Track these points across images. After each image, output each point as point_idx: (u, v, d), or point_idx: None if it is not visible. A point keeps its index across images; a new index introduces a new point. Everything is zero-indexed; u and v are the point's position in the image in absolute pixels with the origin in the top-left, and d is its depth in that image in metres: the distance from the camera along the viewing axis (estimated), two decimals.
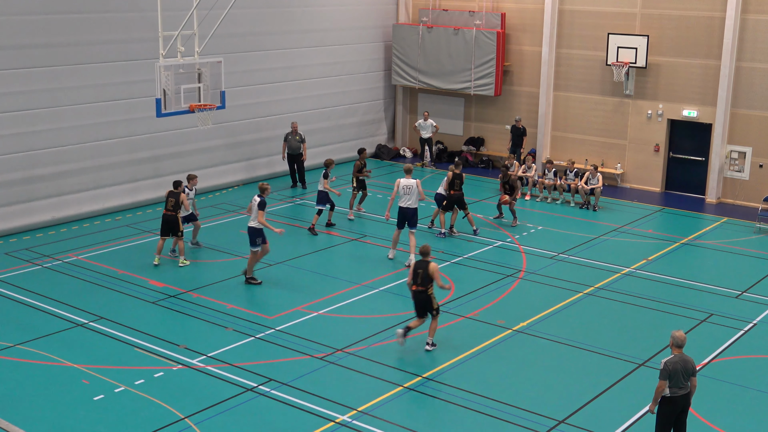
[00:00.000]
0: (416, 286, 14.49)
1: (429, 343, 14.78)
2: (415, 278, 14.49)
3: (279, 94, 26.64)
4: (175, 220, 18.53)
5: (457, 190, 20.73)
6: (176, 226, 18.58)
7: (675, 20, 24.75)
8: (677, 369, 10.85)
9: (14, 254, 19.18)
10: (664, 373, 10.83)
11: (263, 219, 17.28)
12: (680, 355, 10.95)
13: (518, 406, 12.94)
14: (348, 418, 12.46)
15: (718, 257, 20.19)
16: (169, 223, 18.58)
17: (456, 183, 20.68)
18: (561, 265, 19.12)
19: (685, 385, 10.97)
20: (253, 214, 17.42)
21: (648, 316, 16.51)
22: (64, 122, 21.32)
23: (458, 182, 20.67)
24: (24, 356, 14.26)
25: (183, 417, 12.40)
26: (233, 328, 15.51)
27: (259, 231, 17.42)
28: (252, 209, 17.52)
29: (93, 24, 21.47)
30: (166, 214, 18.57)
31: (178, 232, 18.64)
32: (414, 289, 14.53)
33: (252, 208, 17.52)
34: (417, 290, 14.50)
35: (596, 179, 23.83)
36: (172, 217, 18.52)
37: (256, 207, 17.30)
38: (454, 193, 20.73)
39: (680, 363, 10.88)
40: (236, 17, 23.73)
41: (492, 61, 27.54)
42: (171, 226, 18.61)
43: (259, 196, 17.42)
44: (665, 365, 10.84)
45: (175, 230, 18.63)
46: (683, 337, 11.01)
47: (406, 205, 18.92)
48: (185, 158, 24.19)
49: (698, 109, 24.79)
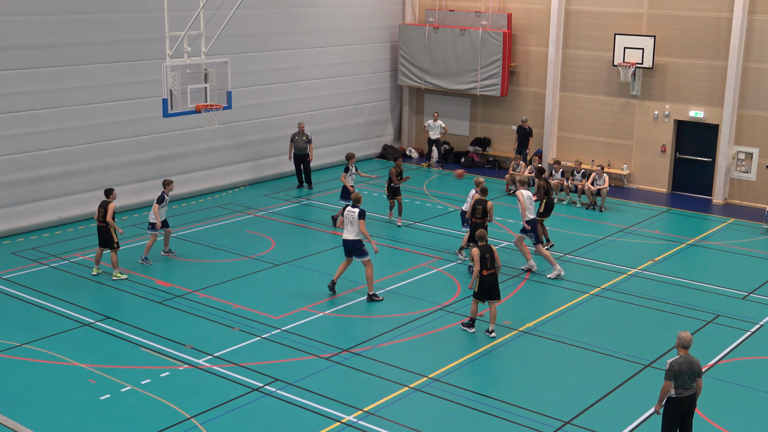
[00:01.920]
0: (486, 270, 15.05)
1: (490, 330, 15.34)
2: (484, 263, 15.08)
3: (285, 95, 26.66)
4: (105, 231, 17.62)
5: (478, 219, 17.95)
6: (107, 237, 17.65)
7: (682, 21, 24.71)
8: (683, 370, 10.83)
9: (21, 254, 19.23)
10: (669, 373, 10.81)
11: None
12: (686, 355, 10.93)
13: (524, 406, 12.93)
14: (354, 419, 12.46)
15: (724, 258, 20.14)
16: (100, 234, 17.77)
17: (478, 209, 17.94)
18: (567, 266, 19.09)
19: (690, 386, 10.95)
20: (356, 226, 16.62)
21: (654, 317, 16.48)
22: (71, 122, 21.36)
23: (480, 208, 17.89)
24: (31, 356, 14.29)
25: (189, 417, 12.41)
26: (239, 328, 15.52)
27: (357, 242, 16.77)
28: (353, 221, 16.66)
29: (100, 24, 21.52)
30: (98, 225, 17.73)
31: (113, 244, 17.68)
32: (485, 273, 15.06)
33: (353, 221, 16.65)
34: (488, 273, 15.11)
35: (602, 180, 23.80)
36: (102, 228, 17.67)
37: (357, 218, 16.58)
38: (475, 221, 17.97)
39: (686, 364, 10.86)
40: (243, 18, 23.75)
41: (498, 62, 27.52)
42: (102, 238, 17.76)
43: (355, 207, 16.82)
44: (671, 366, 10.83)
45: (108, 242, 17.71)
46: (690, 338, 10.99)
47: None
48: (191, 158, 24.23)
49: (705, 110, 24.74)
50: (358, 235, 16.65)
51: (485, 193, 18.18)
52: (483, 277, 15.11)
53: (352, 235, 16.68)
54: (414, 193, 24.94)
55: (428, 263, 19.07)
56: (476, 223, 17.74)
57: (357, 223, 16.56)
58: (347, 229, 16.75)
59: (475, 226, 17.62)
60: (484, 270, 15.08)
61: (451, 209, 23.29)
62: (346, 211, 16.93)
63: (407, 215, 22.44)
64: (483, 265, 15.04)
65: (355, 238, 16.66)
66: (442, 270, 18.69)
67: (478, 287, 15.22)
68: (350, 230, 16.70)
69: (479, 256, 15.00)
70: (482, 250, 15.06)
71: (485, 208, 17.83)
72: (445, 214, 22.88)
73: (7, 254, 19.18)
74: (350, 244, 16.75)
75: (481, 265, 15.03)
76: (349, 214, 16.78)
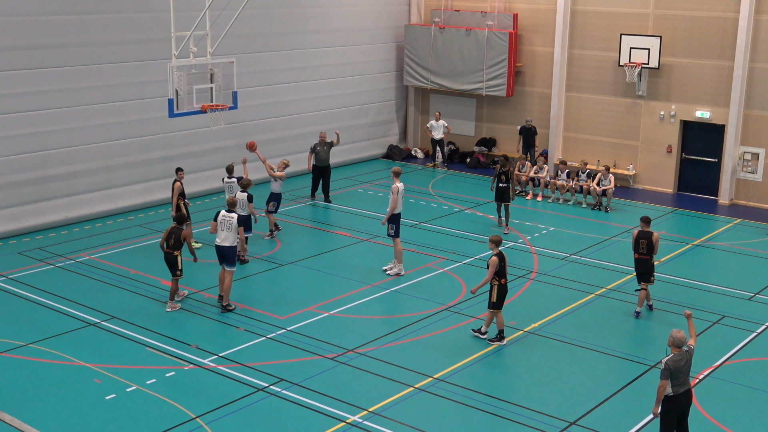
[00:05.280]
0: (504, 279, 14.93)
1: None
2: (637, 247, 15.93)
3: (291, 95, 26.67)
4: (173, 258, 16.13)
5: (643, 254, 16.05)
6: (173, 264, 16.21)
7: (688, 21, 24.66)
8: (678, 367, 10.87)
9: (27, 254, 19.27)
10: (665, 372, 10.82)
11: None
12: (680, 353, 10.96)
13: (529, 407, 12.92)
14: (359, 419, 12.46)
15: (730, 259, 20.10)
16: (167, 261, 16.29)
17: (642, 243, 16.03)
18: (573, 267, 19.07)
19: (686, 382, 10.99)
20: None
21: (660, 317, 16.44)
22: (77, 122, 21.40)
23: (644, 242, 16.02)
24: (37, 355, 14.32)
25: (194, 416, 12.42)
26: (245, 328, 15.54)
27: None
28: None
29: (105, 24, 21.55)
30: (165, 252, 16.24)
31: (177, 271, 16.24)
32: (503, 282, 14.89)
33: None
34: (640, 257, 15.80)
35: (608, 180, 23.76)
36: (169, 255, 16.18)
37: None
38: (639, 257, 16.14)
39: (681, 361, 10.90)
40: (248, 18, 23.78)
41: (504, 62, 27.50)
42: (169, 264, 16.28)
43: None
44: (666, 365, 10.83)
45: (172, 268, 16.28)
46: (683, 337, 11.00)
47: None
48: (197, 158, 24.26)
49: (711, 110, 24.69)
50: (234, 242, 16.08)
51: (648, 224, 16.26)
52: (500, 285, 14.85)
53: (226, 242, 16.06)
54: (419, 193, 24.93)
55: (433, 263, 19.06)
56: (641, 260, 16.12)
57: (235, 229, 16.02)
58: (221, 235, 16.08)
59: (639, 263, 16.16)
60: (502, 279, 14.86)
61: (456, 209, 23.28)
62: (221, 216, 16.12)
63: (411, 215, 22.43)
64: (502, 275, 14.86)
65: (231, 244, 16.07)
66: (448, 270, 18.68)
67: (498, 297, 14.84)
68: (225, 236, 16.06)
69: (498, 265, 14.66)
70: (501, 259, 14.77)
71: (650, 242, 16.02)
72: (450, 215, 22.87)
73: (13, 254, 19.22)
74: (224, 251, 16.09)
75: (499, 275, 14.80)
76: (225, 219, 16.06)
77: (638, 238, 16.07)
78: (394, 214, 18.04)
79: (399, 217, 18.18)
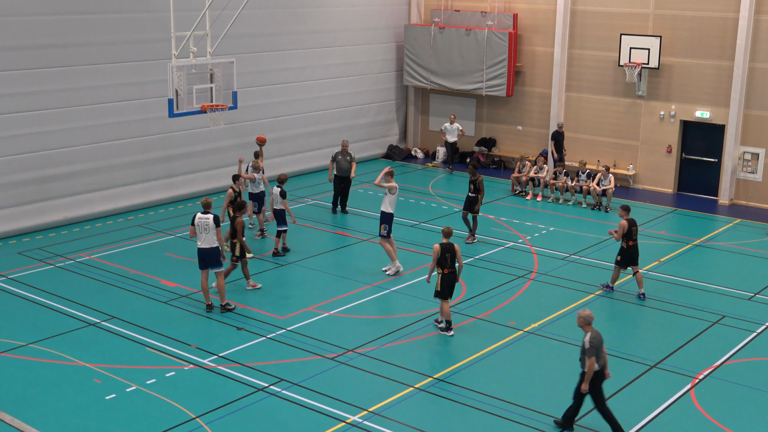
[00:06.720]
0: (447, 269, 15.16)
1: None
2: (630, 234, 16.55)
3: (291, 95, 26.68)
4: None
5: (635, 240, 17.21)
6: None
7: (688, 21, 24.67)
8: (599, 342, 11.77)
9: (27, 254, 19.27)
10: (591, 350, 11.69)
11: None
12: (593, 330, 11.80)
13: (529, 407, 12.92)
14: (359, 419, 12.46)
15: (730, 259, 20.10)
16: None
17: (633, 231, 17.13)
18: (572, 266, 19.08)
19: (603, 355, 11.85)
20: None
21: (660, 317, 16.45)
22: (77, 122, 21.40)
23: (635, 230, 17.18)
24: (36, 355, 14.32)
25: (194, 416, 12.42)
26: (245, 328, 15.54)
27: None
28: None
29: (106, 24, 21.55)
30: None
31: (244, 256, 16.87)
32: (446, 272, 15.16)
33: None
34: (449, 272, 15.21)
35: (608, 180, 23.77)
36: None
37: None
38: (633, 244, 17.19)
39: (598, 338, 11.78)
40: (248, 18, 23.79)
41: (504, 62, 27.51)
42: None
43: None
44: (590, 343, 11.67)
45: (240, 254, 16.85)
46: (591, 313, 11.92)
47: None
48: (197, 158, 24.26)
49: (711, 110, 24.69)
50: (214, 242, 15.87)
51: (629, 211, 17.33)
52: (444, 275, 15.19)
53: (206, 243, 15.85)
54: (419, 194, 24.93)
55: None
56: (634, 246, 17.15)
57: (213, 231, 15.76)
58: (201, 238, 15.84)
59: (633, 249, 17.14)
60: (445, 269, 15.16)
61: (456, 209, 23.28)
62: (197, 218, 15.85)
63: (412, 215, 22.43)
64: (443, 264, 15.13)
65: (211, 245, 15.86)
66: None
67: (442, 286, 15.23)
68: (204, 238, 15.86)
69: (439, 253, 15.10)
70: (443, 249, 15.17)
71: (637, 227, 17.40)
72: (450, 215, 22.87)
73: (13, 254, 19.22)
74: (207, 253, 15.92)
75: (441, 264, 15.13)
76: (202, 221, 15.80)
77: (630, 227, 17.06)
78: (387, 214, 18.10)
79: (392, 218, 18.25)
